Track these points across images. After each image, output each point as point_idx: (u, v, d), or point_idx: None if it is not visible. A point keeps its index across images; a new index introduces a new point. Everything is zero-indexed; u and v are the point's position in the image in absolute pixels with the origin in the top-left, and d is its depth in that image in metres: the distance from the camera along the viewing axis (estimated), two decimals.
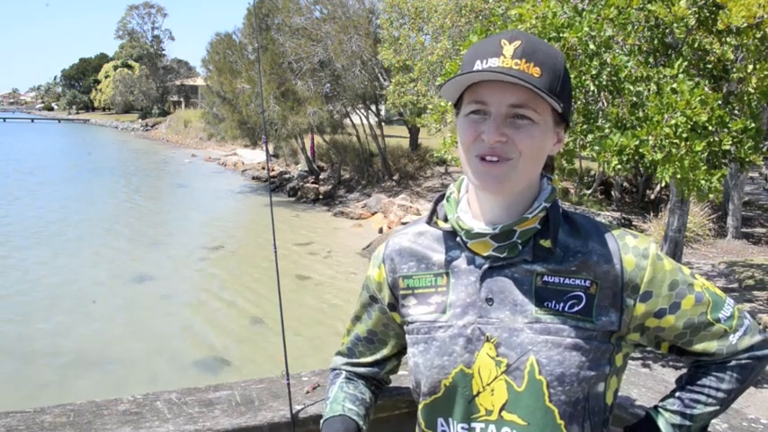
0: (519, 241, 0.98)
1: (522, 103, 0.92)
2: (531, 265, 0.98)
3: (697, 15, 4.40)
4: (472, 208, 1.03)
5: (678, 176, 4.03)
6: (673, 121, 3.88)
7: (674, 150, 3.93)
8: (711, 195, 4.27)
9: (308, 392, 1.56)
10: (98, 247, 13.03)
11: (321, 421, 1.15)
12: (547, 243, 0.98)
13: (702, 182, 4.05)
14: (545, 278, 0.98)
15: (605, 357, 0.97)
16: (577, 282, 0.97)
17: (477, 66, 0.92)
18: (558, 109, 0.93)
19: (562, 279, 0.97)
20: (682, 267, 1.03)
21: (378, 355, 1.21)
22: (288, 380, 1.49)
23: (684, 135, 3.90)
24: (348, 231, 14.99)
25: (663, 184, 4.19)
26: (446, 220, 1.05)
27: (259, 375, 1.75)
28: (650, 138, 3.98)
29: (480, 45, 0.96)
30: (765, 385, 5.23)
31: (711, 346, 1.02)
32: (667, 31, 4.37)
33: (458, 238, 1.02)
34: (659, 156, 3.99)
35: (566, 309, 0.96)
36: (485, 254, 0.99)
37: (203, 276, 11.30)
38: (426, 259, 1.06)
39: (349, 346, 1.24)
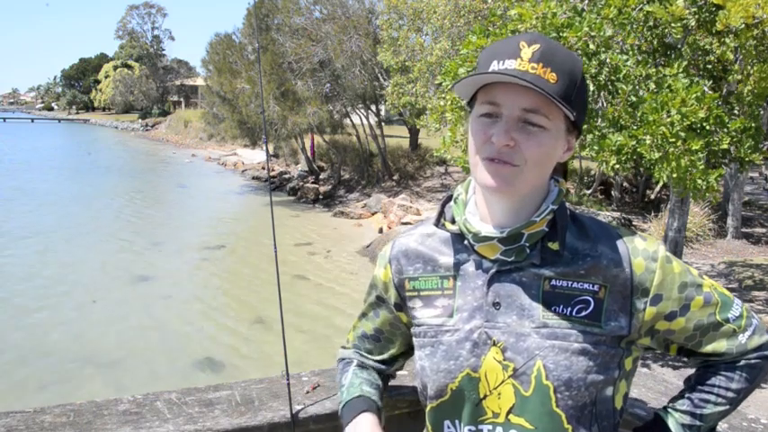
0: (527, 244, 0.97)
1: (534, 108, 0.91)
2: (539, 268, 0.98)
3: (696, 16, 4.40)
4: (480, 210, 1.02)
5: (675, 176, 4.02)
6: (668, 120, 3.88)
7: (671, 150, 3.93)
8: (708, 195, 4.27)
9: (307, 392, 1.56)
10: (98, 246, 13.03)
11: (340, 406, 1.15)
12: (555, 245, 0.97)
13: (699, 181, 4.05)
14: (553, 282, 0.97)
15: (614, 362, 0.97)
16: (585, 286, 0.96)
17: (494, 66, 0.92)
18: (570, 117, 0.92)
19: (570, 283, 0.97)
20: (690, 269, 1.02)
21: (386, 355, 1.21)
22: (288, 380, 1.49)
23: (681, 134, 3.89)
24: (348, 231, 14.98)
25: (661, 184, 4.19)
26: (453, 221, 1.04)
27: (259, 375, 1.75)
28: (647, 137, 3.98)
29: (499, 45, 0.95)
30: (765, 385, 5.23)
31: (721, 346, 1.02)
32: (666, 31, 4.37)
33: (465, 241, 1.02)
34: (656, 155, 3.98)
35: (573, 313, 0.96)
36: (492, 257, 0.99)
37: (203, 276, 11.31)
38: (433, 261, 1.06)
39: (355, 343, 1.24)
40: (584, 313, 0.96)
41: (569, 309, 0.96)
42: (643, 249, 0.98)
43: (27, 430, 1.31)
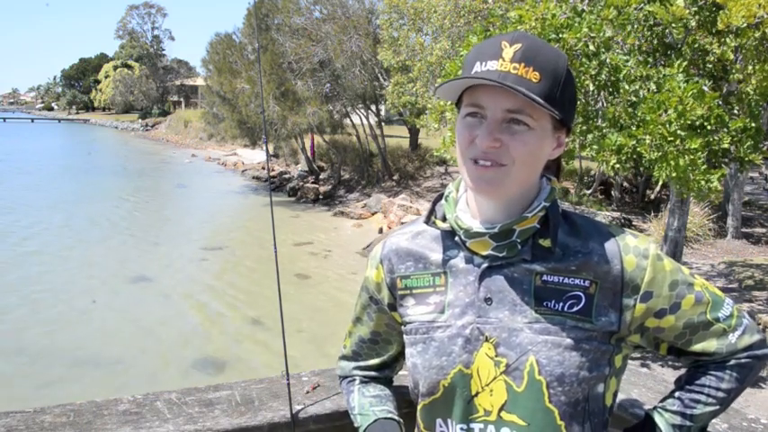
0: (518, 240, 0.97)
1: (518, 109, 0.91)
2: (531, 264, 0.97)
3: (697, 16, 4.40)
4: (471, 207, 1.02)
5: (674, 175, 4.02)
6: (665, 119, 3.87)
7: (669, 149, 3.92)
8: (712, 195, 4.27)
9: (307, 392, 1.56)
10: (98, 246, 13.03)
11: None
12: (546, 242, 0.97)
13: (702, 182, 4.05)
14: (544, 277, 0.97)
15: (605, 358, 0.97)
16: (577, 281, 0.96)
17: (477, 68, 0.92)
18: (555, 116, 0.92)
19: (561, 278, 0.96)
20: (681, 267, 1.02)
21: (385, 356, 1.20)
22: (288, 380, 1.49)
23: (680, 132, 3.89)
24: (348, 231, 14.99)
25: (661, 184, 4.20)
26: (444, 219, 1.04)
27: (259, 375, 1.75)
28: (647, 137, 3.98)
29: (482, 46, 0.95)
30: (765, 385, 5.23)
31: (711, 345, 1.01)
32: (666, 31, 4.37)
33: (456, 238, 1.02)
34: (656, 155, 3.98)
35: (565, 308, 0.96)
36: (484, 253, 0.99)
37: (203, 276, 11.30)
38: (424, 259, 1.06)
39: (354, 349, 1.23)
40: (575, 309, 0.95)
41: (561, 304, 0.96)
42: (634, 247, 0.98)
43: (27, 430, 1.31)
